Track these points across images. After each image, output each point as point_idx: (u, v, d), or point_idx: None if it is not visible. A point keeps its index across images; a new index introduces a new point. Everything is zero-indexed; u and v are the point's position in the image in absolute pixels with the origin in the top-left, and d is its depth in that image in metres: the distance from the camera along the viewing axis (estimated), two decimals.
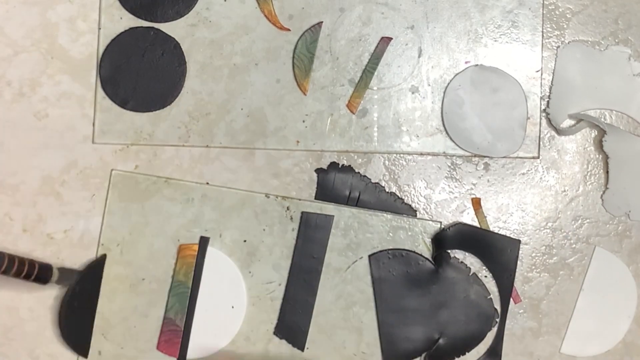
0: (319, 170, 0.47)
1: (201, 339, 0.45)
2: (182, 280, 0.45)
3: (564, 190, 0.48)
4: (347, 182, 0.47)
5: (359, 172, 0.47)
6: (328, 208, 0.47)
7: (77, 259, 0.45)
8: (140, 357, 0.45)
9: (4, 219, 0.46)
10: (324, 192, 0.47)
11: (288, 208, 0.46)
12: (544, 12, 0.49)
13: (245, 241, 0.46)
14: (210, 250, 0.46)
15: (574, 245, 0.48)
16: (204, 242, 0.45)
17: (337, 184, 0.47)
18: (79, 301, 0.44)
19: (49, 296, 0.45)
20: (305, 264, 0.45)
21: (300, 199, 0.47)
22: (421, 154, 0.48)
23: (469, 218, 0.47)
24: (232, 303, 0.45)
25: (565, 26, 0.49)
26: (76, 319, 0.45)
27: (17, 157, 0.46)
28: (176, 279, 0.45)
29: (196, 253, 0.45)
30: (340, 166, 0.47)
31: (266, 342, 0.45)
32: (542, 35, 0.49)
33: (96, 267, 0.45)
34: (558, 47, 0.49)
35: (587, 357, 0.47)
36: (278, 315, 0.45)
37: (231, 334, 0.45)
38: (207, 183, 0.46)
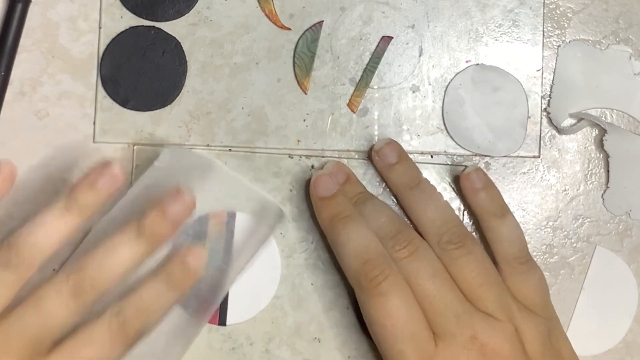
0: None
1: (239, 304, 0.45)
2: None
3: (565, 190, 0.48)
4: None
5: None
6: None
7: None
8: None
9: (5, 219, 0.45)
10: None
11: (312, 167, 0.47)
12: (545, 11, 0.49)
13: None
14: (241, 215, 0.45)
15: (574, 245, 0.48)
16: None
17: None
18: None
19: None
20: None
21: (323, 156, 0.47)
22: (422, 153, 0.48)
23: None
24: (267, 265, 0.46)
25: (566, 25, 0.49)
26: None
27: (17, 157, 0.46)
28: None
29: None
30: None
31: (305, 300, 0.46)
32: (543, 35, 0.48)
33: None
34: (559, 46, 0.49)
35: (588, 356, 0.47)
36: None
37: (269, 297, 0.45)
38: (230, 149, 0.46)
